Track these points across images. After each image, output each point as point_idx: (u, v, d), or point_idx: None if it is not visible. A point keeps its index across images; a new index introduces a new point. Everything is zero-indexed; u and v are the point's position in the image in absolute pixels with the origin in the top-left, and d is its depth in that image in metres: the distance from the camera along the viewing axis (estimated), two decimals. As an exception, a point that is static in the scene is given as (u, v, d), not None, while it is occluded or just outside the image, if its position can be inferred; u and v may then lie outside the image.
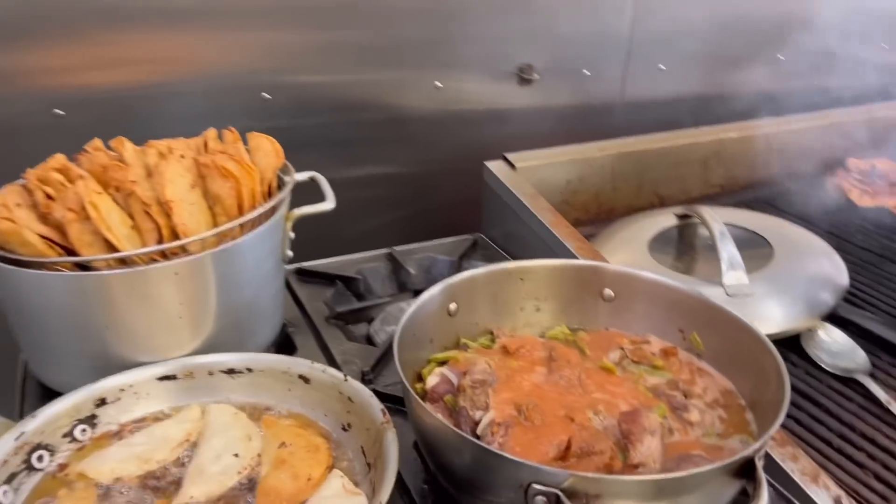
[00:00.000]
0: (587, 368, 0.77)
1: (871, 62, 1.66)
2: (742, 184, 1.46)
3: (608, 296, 0.86)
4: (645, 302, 0.85)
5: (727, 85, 1.52)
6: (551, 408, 0.70)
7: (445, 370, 0.76)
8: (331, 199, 0.90)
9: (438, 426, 0.64)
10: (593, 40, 1.38)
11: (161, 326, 0.77)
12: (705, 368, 0.79)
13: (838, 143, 1.52)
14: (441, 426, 0.63)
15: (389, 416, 0.68)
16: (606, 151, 1.29)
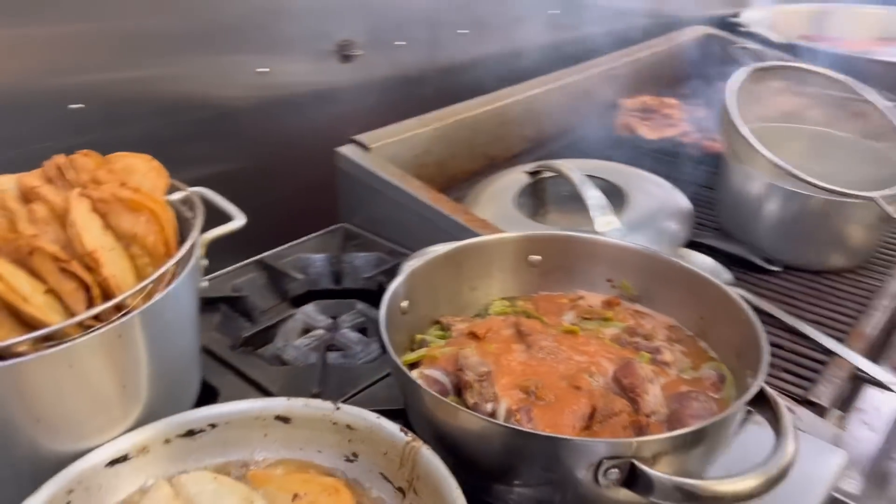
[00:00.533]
0: (554, 335, 0.79)
1: (620, 9, 1.87)
2: (549, 136, 1.56)
3: (534, 261, 0.89)
4: (570, 260, 0.89)
5: (517, 42, 1.61)
6: (552, 381, 0.71)
7: (430, 372, 0.73)
8: (239, 215, 0.80)
9: (476, 422, 0.62)
10: (401, 11, 1.37)
11: (101, 404, 0.64)
12: (644, 311, 0.86)
13: (610, 87, 1.69)
14: (480, 422, 0.62)
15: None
16: (444, 121, 1.31)
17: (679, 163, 1.46)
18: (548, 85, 1.52)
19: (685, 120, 1.63)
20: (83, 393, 0.61)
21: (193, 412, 0.68)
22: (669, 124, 1.60)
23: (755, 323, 0.71)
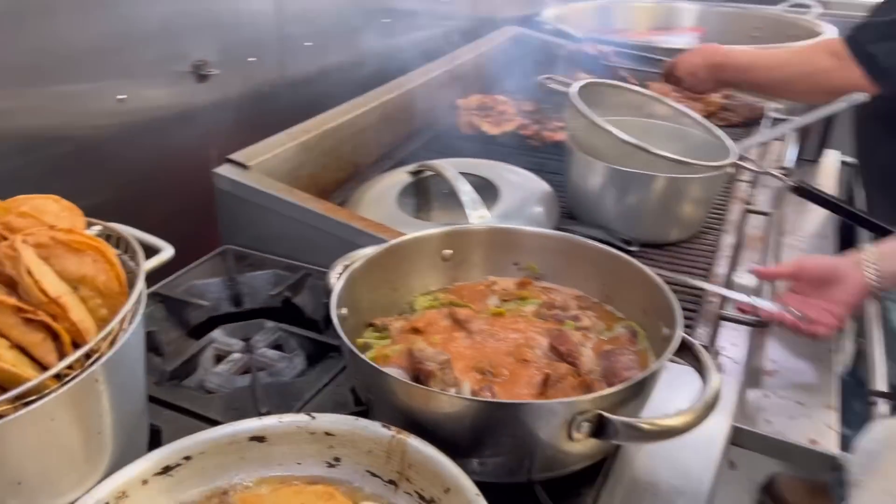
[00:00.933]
0: (486, 318, 0.86)
1: (440, 14, 1.97)
2: (404, 139, 1.63)
3: (447, 255, 0.95)
4: (479, 249, 0.96)
5: (358, 51, 1.65)
6: (500, 360, 0.79)
7: (387, 370, 0.77)
8: (166, 246, 0.79)
9: (458, 403, 0.68)
10: (250, 27, 1.36)
11: (76, 456, 0.61)
12: (552, 286, 0.95)
13: (447, 89, 1.79)
14: (464, 402, 0.68)
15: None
16: (310, 133, 1.32)
17: (526, 153, 1.59)
18: (393, 92, 1.58)
19: (518, 114, 1.77)
20: (62, 446, 0.59)
21: (165, 448, 0.67)
22: (507, 119, 1.72)
23: (657, 281, 0.83)
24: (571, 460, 0.73)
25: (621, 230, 1.24)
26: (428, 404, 0.69)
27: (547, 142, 1.65)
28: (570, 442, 0.68)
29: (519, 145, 1.64)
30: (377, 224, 1.10)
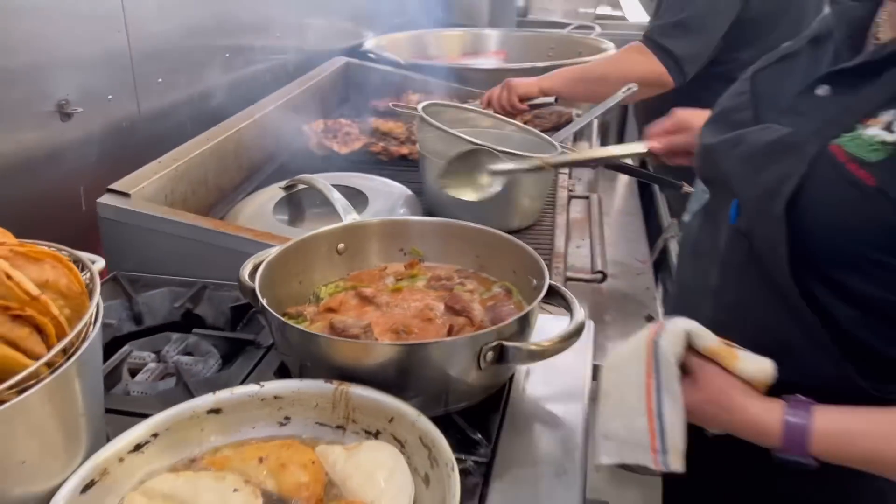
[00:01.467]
0: (389, 294, 1.01)
1: (275, 47, 2.09)
2: (262, 163, 1.73)
3: (341, 249, 1.09)
4: (368, 241, 1.11)
5: (204, 85, 1.73)
6: (409, 321, 0.94)
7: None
8: (98, 258, 0.86)
9: (389, 350, 0.82)
10: (108, 65, 1.41)
11: (66, 437, 0.68)
12: (434, 265, 1.11)
13: (293, 115, 1.91)
14: (394, 349, 0.82)
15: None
16: (180, 161, 1.40)
17: (376, 167, 1.75)
18: (245, 121, 1.68)
19: (361, 133, 1.93)
20: (52, 430, 0.66)
21: (132, 429, 0.75)
22: (353, 139, 1.88)
23: (522, 244, 1.02)
24: (478, 391, 0.89)
25: (473, 222, 1.43)
26: (360, 357, 0.82)
27: (394, 156, 1.82)
28: (479, 371, 0.84)
29: (368, 161, 1.80)
30: (265, 233, 1.21)
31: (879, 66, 0.81)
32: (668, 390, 0.79)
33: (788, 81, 0.92)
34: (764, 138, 0.85)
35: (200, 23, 1.71)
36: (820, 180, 0.78)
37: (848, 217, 0.77)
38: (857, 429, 0.76)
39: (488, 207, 1.40)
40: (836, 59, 0.88)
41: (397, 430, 0.78)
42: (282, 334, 0.89)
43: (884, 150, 0.75)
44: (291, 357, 0.91)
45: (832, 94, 0.85)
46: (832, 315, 0.81)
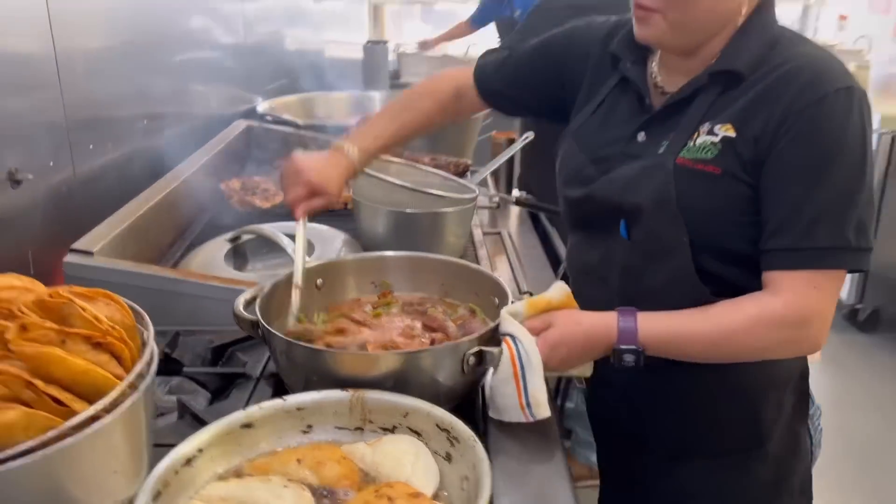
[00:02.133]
0: (372, 319, 1.14)
1: (183, 115, 2.18)
2: (194, 220, 1.81)
3: (320, 283, 1.21)
4: (343, 276, 1.24)
5: (127, 150, 1.80)
6: (395, 339, 1.08)
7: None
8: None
9: (394, 358, 0.96)
10: (47, 134, 1.46)
11: (137, 454, 0.76)
12: (402, 295, 1.25)
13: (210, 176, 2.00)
14: (398, 357, 0.96)
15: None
16: (125, 220, 1.46)
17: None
18: (171, 184, 1.76)
19: (278, 189, 2.05)
20: (132, 445, 0.74)
21: (181, 446, 0.84)
22: (273, 194, 1.99)
23: (482, 269, 1.19)
24: (462, 392, 1.04)
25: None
26: (366, 368, 0.96)
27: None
28: (463, 375, 1.00)
29: (288, 213, 1.91)
30: (231, 279, 1.31)
31: (678, 106, 1.09)
32: (526, 358, 0.99)
33: (604, 132, 1.18)
34: (629, 172, 1.09)
35: (123, 91, 1.78)
36: (685, 183, 1.03)
37: (714, 199, 1.03)
38: (674, 318, 1.03)
39: (420, 245, 1.57)
40: (635, 112, 1.15)
41: (413, 422, 0.91)
42: (287, 356, 1.00)
43: (714, 148, 1.02)
44: (296, 376, 1.02)
45: (647, 136, 1.12)
46: (713, 274, 1.06)
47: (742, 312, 1.01)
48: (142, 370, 0.74)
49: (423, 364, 0.97)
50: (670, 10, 1.01)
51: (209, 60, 2.41)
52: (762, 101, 1.01)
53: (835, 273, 1.00)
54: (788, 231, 0.99)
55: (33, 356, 0.68)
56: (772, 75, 1.02)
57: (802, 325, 0.99)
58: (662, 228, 1.05)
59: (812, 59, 1.02)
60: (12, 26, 1.35)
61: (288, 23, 3.43)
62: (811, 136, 0.98)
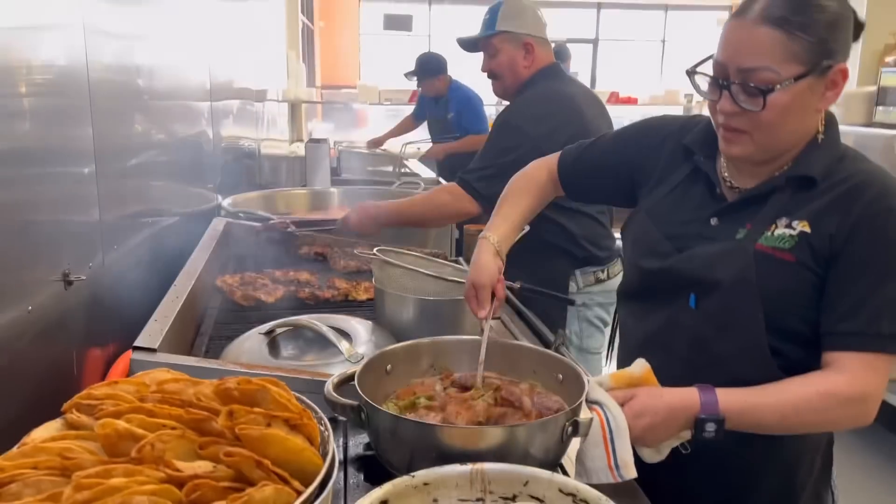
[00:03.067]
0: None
1: (166, 211, 2.20)
2: (200, 316, 1.82)
3: (389, 369, 1.29)
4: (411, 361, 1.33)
5: (137, 245, 1.82)
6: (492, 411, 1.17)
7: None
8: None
9: (500, 433, 1.04)
10: (86, 231, 1.49)
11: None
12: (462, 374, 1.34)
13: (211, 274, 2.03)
14: (506, 431, 1.05)
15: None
16: (170, 317, 1.49)
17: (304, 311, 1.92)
18: (191, 280, 1.79)
19: (274, 282, 2.10)
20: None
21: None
22: (274, 288, 2.04)
23: (543, 350, 1.31)
24: (553, 460, 1.13)
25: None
26: (477, 441, 1.04)
27: (320, 300, 2.01)
28: (562, 443, 1.10)
29: (296, 306, 1.97)
30: (300, 370, 1.36)
31: (754, 200, 1.27)
32: (615, 423, 1.11)
33: (677, 213, 1.36)
34: (709, 251, 1.26)
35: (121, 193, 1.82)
36: (764, 267, 1.20)
37: (788, 282, 1.20)
38: (750, 392, 1.17)
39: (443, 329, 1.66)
40: (708, 199, 1.33)
41: (534, 489, 0.99)
42: (392, 433, 1.07)
43: (791, 240, 1.21)
44: (401, 454, 1.08)
45: (720, 222, 1.30)
46: (779, 350, 1.22)
47: (812, 388, 1.16)
48: (333, 453, 0.81)
49: (527, 436, 1.06)
50: (757, 133, 1.19)
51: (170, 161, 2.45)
52: (836, 206, 1.20)
53: (891, 357, 1.17)
54: (855, 318, 1.16)
55: (258, 438, 0.73)
56: (843, 185, 1.21)
57: (862, 401, 1.16)
58: (739, 304, 1.21)
59: (877, 175, 1.23)
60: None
61: (235, 121, 3.52)
62: (880, 240, 1.18)
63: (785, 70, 1.14)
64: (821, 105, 1.21)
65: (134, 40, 1.89)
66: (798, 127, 1.22)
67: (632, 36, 10.87)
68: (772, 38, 1.14)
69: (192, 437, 0.75)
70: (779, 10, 1.14)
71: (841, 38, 1.17)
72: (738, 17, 1.18)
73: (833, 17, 1.16)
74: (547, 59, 2.44)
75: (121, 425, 0.73)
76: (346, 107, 8.44)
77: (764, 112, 1.16)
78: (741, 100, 1.18)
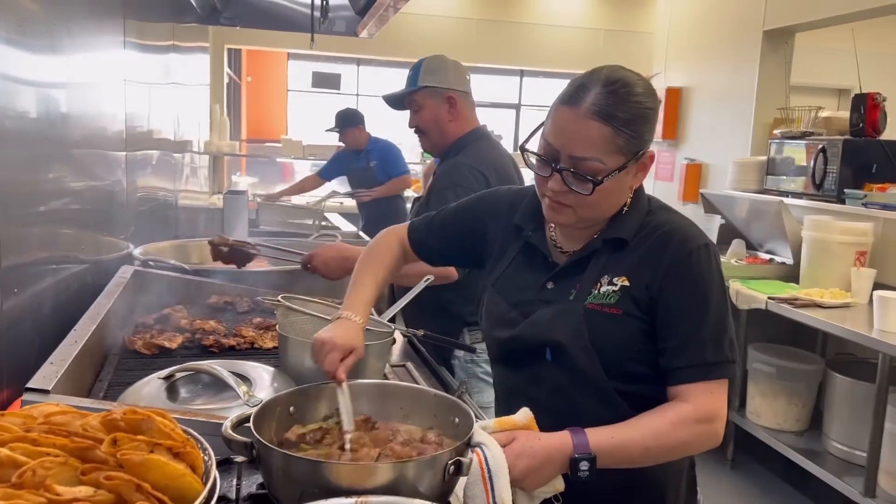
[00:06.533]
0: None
1: (74, 258, 2.19)
2: (98, 366, 1.81)
3: (292, 411, 1.33)
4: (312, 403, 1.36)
5: (39, 289, 1.81)
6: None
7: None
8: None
9: (394, 468, 1.10)
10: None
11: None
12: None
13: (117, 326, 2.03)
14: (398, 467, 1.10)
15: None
16: (66, 359, 1.49)
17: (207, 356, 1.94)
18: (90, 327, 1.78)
19: (176, 330, 2.11)
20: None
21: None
22: (172, 335, 2.05)
23: (442, 394, 1.37)
24: (437, 498, 1.19)
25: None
26: (365, 477, 1.09)
27: (224, 347, 2.03)
28: (444, 482, 1.16)
29: (200, 354, 1.98)
30: (191, 411, 1.38)
31: (579, 263, 1.42)
32: (494, 463, 1.17)
33: (519, 283, 1.49)
34: (547, 315, 1.39)
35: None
36: (594, 322, 1.34)
37: (618, 334, 1.34)
38: (612, 429, 1.27)
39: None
40: (541, 266, 1.47)
41: (415, 522, 1.05)
42: (285, 471, 1.11)
43: (615, 295, 1.35)
44: (291, 490, 1.12)
45: (555, 285, 1.43)
46: (625, 391, 1.35)
47: (664, 417, 1.29)
48: (214, 478, 0.85)
49: (412, 473, 1.12)
50: (581, 208, 1.35)
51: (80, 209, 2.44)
52: (647, 258, 1.36)
53: (723, 381, 1.31)
54: (685, 353, 1.31)
55: (139, 463, 0.77)
56: (651, 238, 1.37)
57: (709, 422, 1.29)
58: (578, 357, 1.33)
59: (678, 224, 1.39)
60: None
61: (153, 171, 3.52)
62: (687, 281, 1.33)
63: (611, 161, 1.30)
64: (633, 183, 1.40)
65: (49, 88, 1.91)
66: (615, 203, 1.39)
67: (551, 101, 11.35)
68: (601, 133, 1.29)
69: (75, 465, 0.78)
70: (607, 106, 1.29)
71: (651, 129, 1.36)
72: (569, 105, 1.32)
73: (646, 111, 1.33)
74: (472, 118, 2.56)
75: (2, 452, 0.76)
76: (271, 160, 8.49)
77: (590, 196, 1.31)
78: (570, 182, 1.32)
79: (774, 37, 5.16)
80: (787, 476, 4.04)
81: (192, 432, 0.94)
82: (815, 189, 4.34)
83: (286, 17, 4.93)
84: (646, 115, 1.33)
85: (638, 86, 1.32)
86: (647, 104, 1.33)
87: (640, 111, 1.31)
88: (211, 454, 0.90)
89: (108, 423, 0.85)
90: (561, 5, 9.26)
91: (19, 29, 1.67)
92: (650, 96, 1.34)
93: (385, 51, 8.41)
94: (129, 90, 2.92)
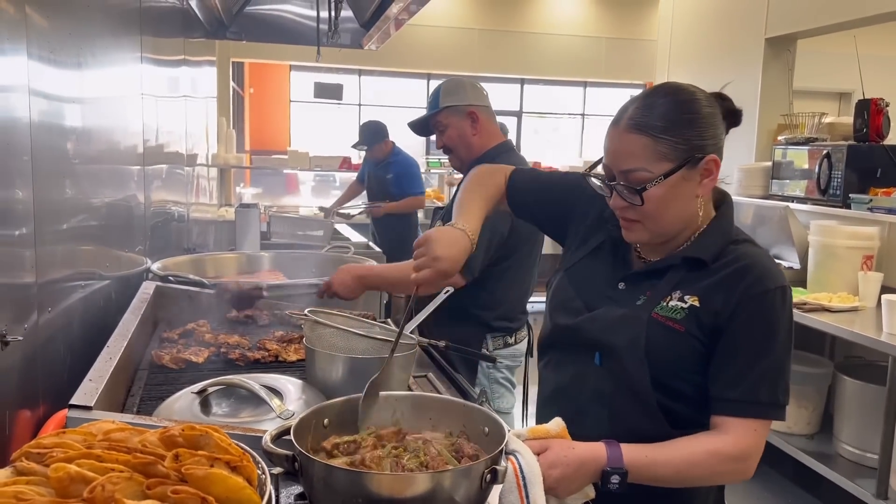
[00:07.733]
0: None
1: (95, 274, 2.23)
2: (129, 381, 1.85)
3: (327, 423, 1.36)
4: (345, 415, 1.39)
5: (65, 308, 1.84)
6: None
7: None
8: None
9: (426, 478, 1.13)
10: (18, 292, 1.52)
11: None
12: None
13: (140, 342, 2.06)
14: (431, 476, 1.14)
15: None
16: (104, 377, 1.52)
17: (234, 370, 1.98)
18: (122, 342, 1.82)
19: (199, 344, 2.14)
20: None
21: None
22: (198, 349, 2.08)
23: (470, 404, 1.41)
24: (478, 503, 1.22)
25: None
26: (404, 487, 1.12)
27: (249, 360, 2.06)
28: (482, 490, 1.19)
29: (226, 367, 2.01)
30: (229, 425, 1.41)
31: (655, 272, 1.44)
32: (529, 471, 1.21)
33: (592, 275, 1.51)
34: (611, 314, 1.41)
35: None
36: (655, 333, 1.35)
37: (675, 349, 1.34)
38: (648, 448, 1.30)
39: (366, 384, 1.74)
40: (619, 265, 1.49)
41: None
42: (325, 481, 1.14)
43: (682, 312, 1.36)
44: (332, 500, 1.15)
45: (626, 286, 1.45)
46: (667, 407, 1.36)
47: (701, 446, 1.31)
48: (270, 493, 0.88)
49: (450, 482, 1.15)
50: (647, 221, 1.37)
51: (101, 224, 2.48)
52: (723, 286, 1.36)
53: (768, 422, 1.34)
54: (738, 387, 1.32)
55: (203, 477, 0.80)
56: (730, 266, 1.38)
57: (743, 460, 1.31)
58: (629, 365, 1.36)
59: (760, 259, 1.40)
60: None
61: (166, 185, 3.56)
62: (757, 319, 1.34)
63: (657, 168, 1.34)
64: (699, 191, 1.40)
65: (77, 104, 1.95)
66: (681, 213, 1.40)
67: (553, 109, 11.40)
68: (641, 143, 1.34)
69: (140, 480, 0.81)
70: (642, 117, 1.34)
71: (709, 133, 1.36)
72: (614, 125, 1.39)
73: (690, 117, 1.35)
74: (496, 132, 2.63)
75: (73, 469, 0.79)
76: (275, 172, 8.54)
77: (645, 205, 1.34)
78: (625, 195, 1.36)
79: (776, 44, 5.22)
80: (799, 479, 4.06)
81: (244, 446, 0.97)
82: (821, 194, 4.38)
83: (291, 30, 4.98)
84: (691, 120, 1.35)
85: (679, 94, 1.36)
86: (689, 110, 1.35)
87: (679, 118, 1.34)
88: (264, 468, 0.94)
89: (166, 439, 0.89)
90: (563, 14, 9.33)
91: (49, 46, 1.71)
92: (693, 103, 1.36)
93: (388, 61, 8.49)
94: (146, 104, 2.96)
